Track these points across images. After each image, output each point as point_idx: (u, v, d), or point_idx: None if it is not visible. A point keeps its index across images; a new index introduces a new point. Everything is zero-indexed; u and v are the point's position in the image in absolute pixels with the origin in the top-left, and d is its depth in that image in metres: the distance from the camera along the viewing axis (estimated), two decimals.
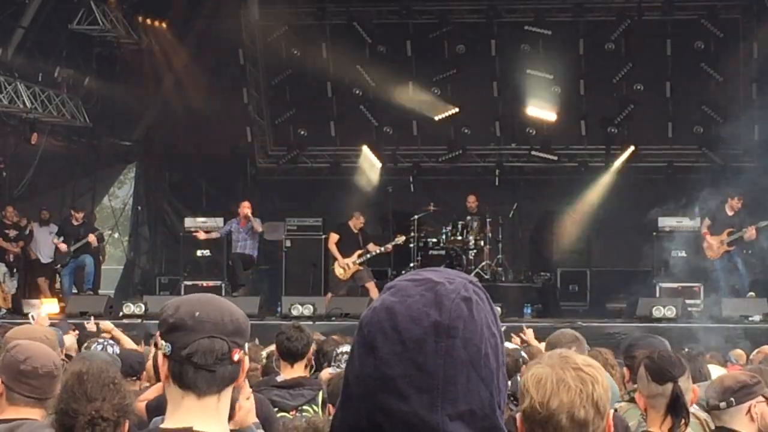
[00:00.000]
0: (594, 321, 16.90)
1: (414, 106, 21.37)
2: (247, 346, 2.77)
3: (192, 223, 20.16)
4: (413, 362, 1.75)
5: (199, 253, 19.75)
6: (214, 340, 2.67)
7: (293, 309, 16.79)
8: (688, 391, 4.72)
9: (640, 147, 21.18)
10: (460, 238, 19.22)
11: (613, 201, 20.44)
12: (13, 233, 19.64)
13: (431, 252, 19.52)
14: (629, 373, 5.96)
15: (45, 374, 4.22)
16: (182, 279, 19.71)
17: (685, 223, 18.79)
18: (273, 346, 7.33)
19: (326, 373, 7.42)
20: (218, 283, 19.36)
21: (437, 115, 21.44)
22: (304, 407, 6.52)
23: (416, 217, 19.46)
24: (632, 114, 20.98)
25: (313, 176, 22.42)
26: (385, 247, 18.76)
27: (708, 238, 17.88)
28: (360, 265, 18.60)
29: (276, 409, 6.29)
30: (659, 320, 16.22)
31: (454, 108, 21.34)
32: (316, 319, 16.36)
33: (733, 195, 17.69)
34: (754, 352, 11.16)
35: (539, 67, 20.76)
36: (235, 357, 2.70)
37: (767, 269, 17.91)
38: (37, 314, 10.27)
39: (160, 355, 2.72)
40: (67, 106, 20.07)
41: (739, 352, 11.96)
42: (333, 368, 7.92)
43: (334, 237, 18.94)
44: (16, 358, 4.25)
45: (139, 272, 23.44)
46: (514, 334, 10.10)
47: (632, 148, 21.06)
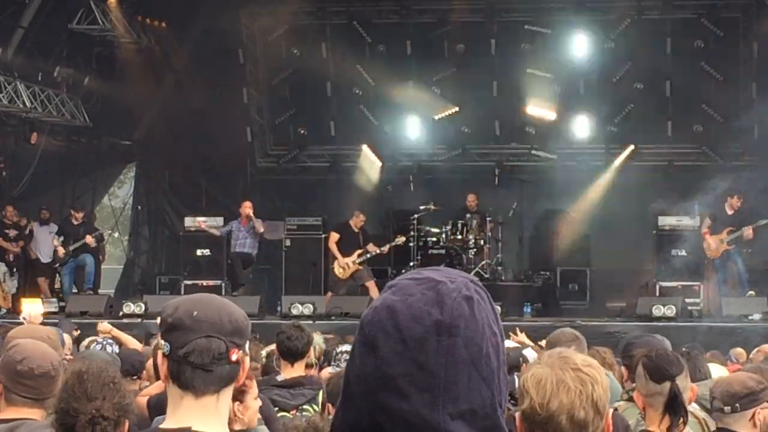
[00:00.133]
0: (594, 320, 16.84)
1: (414, 105, 21.37)
2: (248, 346, 2.77)
3: (192, 222, 20.15)
4: (414, 361, 1.75)
5: (199, 252, 19.75)
6: (211, 340, 2.67)
7: (293, 308, 16.76)
8: (687, 389, 4.71)
9: (639, 146, 21.18)
10: (459, 237, 19.21)
11: (612, 200, 20.40)
12: (13, 233, 19.63)
13: (431, 251, 19.52)
14: (627, 372, 5.95)
15: (41, 375, 4.20)
16: (182, 278, 19.70)
17: (685, 222, 18.76)
18: (273, 345, 7.33)
19: (326, 373, 7.43)
20: (218, 282, 19.34)
21: (437, 114, 21.44)
22: (305, 407, 6.52)
23: (416, 216, 19.46)
24: (632, 113, 20.99)
25: (313, 176, 22.42)
26: (383, 248, 18.75)
27: (708, 237, 17.88)
28: (359, 264, 18.60)
29: (276, 409, 6.29)
30: (659, 319, 16.19)
31: (454, 107, 21.34)
32: (316, 318, 16.33)
33: (733, 194, 17.69)
34: (755, 351, 11.16)
35: (539, 66, 20.76)
36: (233, 357, 2.69)
37: (767, 268, 17.91)
38: (28, 315, 10.20)
39: (159, 354, 2.73)
40: (67, 105, 20.06)
41: (739, 351, 11.97)
42: (333, 367, 7.93)
43: (334, 236, 18.92)
44: (13, 358, 4.24)
45: (139, 272, 23.46)
46: (512, 333, 10.08)
47: (632, 147, 21.07)
